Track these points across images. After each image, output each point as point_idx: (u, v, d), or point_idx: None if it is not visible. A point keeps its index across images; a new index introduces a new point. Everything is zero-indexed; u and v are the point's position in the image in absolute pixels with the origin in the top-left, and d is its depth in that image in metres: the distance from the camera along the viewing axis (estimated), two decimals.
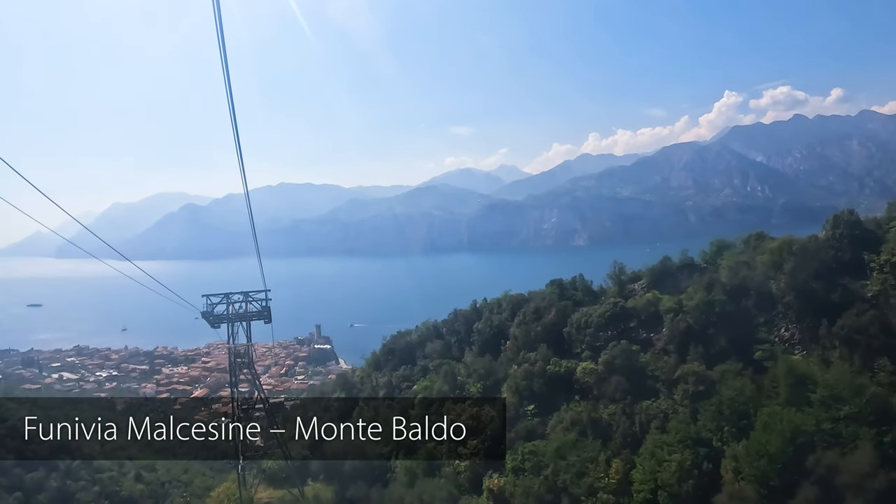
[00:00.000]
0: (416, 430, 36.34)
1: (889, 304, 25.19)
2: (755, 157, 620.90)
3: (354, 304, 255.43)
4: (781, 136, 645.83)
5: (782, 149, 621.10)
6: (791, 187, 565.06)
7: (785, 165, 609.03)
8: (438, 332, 53.37)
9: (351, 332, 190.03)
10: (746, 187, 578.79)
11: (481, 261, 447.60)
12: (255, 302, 34.40)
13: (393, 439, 38.96)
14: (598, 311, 34.22)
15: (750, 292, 29.26)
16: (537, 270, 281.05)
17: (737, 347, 27.51)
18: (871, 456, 19.07)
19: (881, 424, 20.40)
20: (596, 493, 23.50)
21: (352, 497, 32.88)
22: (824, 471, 19.45)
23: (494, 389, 36.76)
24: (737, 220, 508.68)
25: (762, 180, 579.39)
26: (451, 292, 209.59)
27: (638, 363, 29.31)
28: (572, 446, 26.21)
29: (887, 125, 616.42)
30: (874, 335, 24.15)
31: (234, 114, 15.35)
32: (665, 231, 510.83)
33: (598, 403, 28.81)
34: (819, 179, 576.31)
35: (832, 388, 21.72)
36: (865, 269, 27.43)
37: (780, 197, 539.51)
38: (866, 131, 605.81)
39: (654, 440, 23.93)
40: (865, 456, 19.06)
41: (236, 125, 15.77)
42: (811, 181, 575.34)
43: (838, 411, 21.10)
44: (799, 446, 20.57)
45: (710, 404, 24.35)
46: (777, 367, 24.06)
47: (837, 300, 26.16)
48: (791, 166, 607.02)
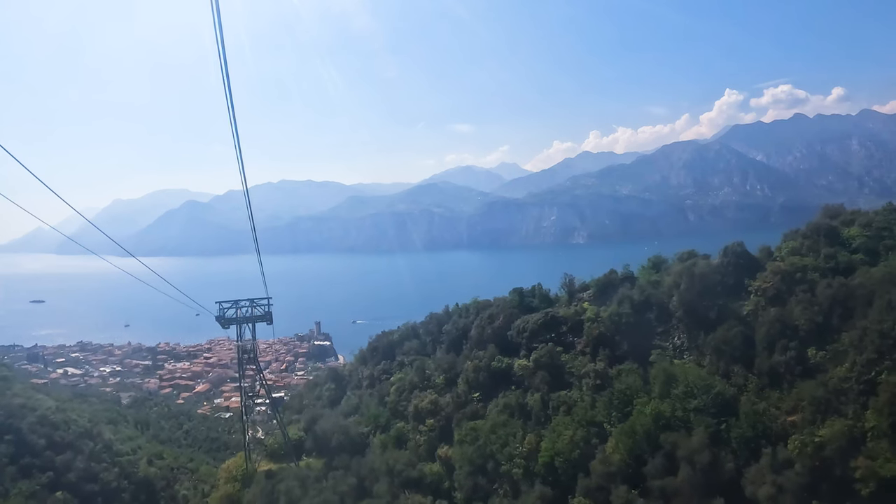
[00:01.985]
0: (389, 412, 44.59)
1: (757, 321, 31.72)
2: (755, 156, 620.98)
3: (355, 300, 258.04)
4: (781, 135, 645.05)
5: (782, 148, 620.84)
6: (790, 186, 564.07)
7: (785, 164, 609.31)
8: (415, 333, 60.27)
9: (352, 329, 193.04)
10: (746, 186, 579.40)
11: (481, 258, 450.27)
12: (259, 307, 41.10)
13: (371, 421, 46.59)
14: (534, 318, 41.03)
15: (653, 306, 35.98)
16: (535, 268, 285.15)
17: (636, 351, 34.20)
18: (703, 437, 25.83)
19: (720, 415, 27.07)
20: (513, 459, 30.55)
21: (336, 466, 39.79)
22: (670, 446, 26.21)
23: (454, 381, 43.63)
24: (735, 218, 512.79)
25: (761, 179, 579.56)
26: (450, 289, 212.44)
27: (559, 361, 36.15)
28: (502, 425, 33.19)
29: (888, 124, 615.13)
30: (736, 346, 30.79)
31: (232, 111, 15.36)
32: (664, 229, 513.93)
33: (526, 392, 35.72)
34: (818, 178, 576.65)
35: (688, 385, 28.47)
36: (744, 292, 34.07)
37: (780, 196, 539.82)
38: (866, 130, 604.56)
39: (558, 421, 30.85)
40: (699, 437, 25.83)
41: (235, 122, 15.90)
42: (811, 180, 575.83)
43: (689, 403, 27.85)
44: (658, 427, 27.37)
45: (605, 395, 31.19)
46: (654, 369, 30.86)
47: (714, 317, 32.83)
48: (791, 165, 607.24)
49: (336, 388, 64.22)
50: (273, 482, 37.80)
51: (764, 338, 29.92)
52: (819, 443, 24.00)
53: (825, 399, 25.58)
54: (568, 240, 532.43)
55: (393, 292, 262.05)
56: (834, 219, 38.81)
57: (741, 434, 25.59)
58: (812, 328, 29.09)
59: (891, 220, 36.33)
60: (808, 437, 24.40)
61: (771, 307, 31.36)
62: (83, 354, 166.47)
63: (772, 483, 22.95)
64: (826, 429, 24.20)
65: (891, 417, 23.05)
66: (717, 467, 24.89)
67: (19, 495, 47.77)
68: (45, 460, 56.14)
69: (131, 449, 68.58)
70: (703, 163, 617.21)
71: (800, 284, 31.62)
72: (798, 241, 36.21)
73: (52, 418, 63.36)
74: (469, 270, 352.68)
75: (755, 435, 25.47)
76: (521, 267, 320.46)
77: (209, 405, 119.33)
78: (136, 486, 60.95)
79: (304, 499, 33.57)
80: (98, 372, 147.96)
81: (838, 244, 34.91)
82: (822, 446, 23.89)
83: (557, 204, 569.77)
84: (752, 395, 28.08)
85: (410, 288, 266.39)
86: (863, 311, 28.17)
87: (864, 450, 23.19)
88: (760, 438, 25.38)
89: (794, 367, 28.31)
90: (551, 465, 28.80)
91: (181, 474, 71.24)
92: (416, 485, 33.91)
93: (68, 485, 53.56)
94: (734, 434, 25.77)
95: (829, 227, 36.29)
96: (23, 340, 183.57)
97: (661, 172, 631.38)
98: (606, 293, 42.96)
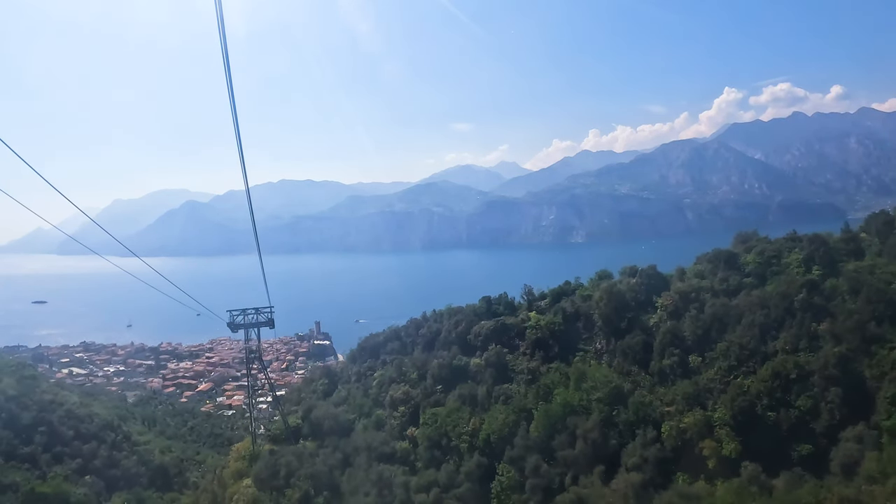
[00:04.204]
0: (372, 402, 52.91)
1: (658, 332, 39.29)
2: (753, 155, 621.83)
3: (356, 300, 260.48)
4: (780, 134, 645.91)
5: (780, 146, 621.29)
6: (788, 185, 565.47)
7: (783, 163, 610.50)
8: (397, 335, 68.31)
9: (354, 329, 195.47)
10: (744, 185, 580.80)
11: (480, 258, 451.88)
12: (263, 314, 49.11)
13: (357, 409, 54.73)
14: (487, 325, 48.99)
15: (581, 317, 43.80)
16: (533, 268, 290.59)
17: (565, 353, 42.08)
18: (597, 420, 33.57)
19: (614, 404, 34.68)
20: (461, 436, 38.58)
21: (326, 445, 47.89)
22: (573, 427, 33.99)
23: (425, 376, 51.45)
24: (734, 217, 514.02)
25: (760, 178, 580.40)
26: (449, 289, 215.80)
27: (504, 360, 44.23)
28: (456, 410, 41.25)
29: (886, 123, 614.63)
30: (637, 351, 38.57)
31: (234, 111, 15.20)
32: (662, 228, 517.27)
33: (477, 385, 43.67)
34: (817, 177, 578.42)
35: (593, 381, 36.25)
36: (651, 307, 41.76)
37: (778, 194, 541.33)
38: (865, 129, 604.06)
39: (497, 408, 38.90)
40: (594, 420, 33.60)
41: (237, 122, 15.69)
42: (809, 179, 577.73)
43: (593, 394, 35.61)
44: (567, 412, 35.15)
45: (534, 388, 39.06)
46: (572, 368, 38.73)
47: (625, 327, 40.58)
48: (789, 164, 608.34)
49: (329, 383, 72.27)
50: (275, 458, 45.74)
51: (659, 345, 37.65)
52: (682, 428, 31.67)
53: (694, 395, 33.28)
54: (567, 239, 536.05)
55: (393, 291, 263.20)
56: (745, 243, 46.18)
57: (626, 419, 33.31)
58: (695, 339, 36.78)
59: (784, 247, 43.55)
60: (676, 423, 32.09)
61: (669, 321, 39.04)
62: (87, 354, 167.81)
63: (639, 456, 30.67)
64: (689, 417, 31.85)
65: (732, 411, 30.68)
66: (604, 443, 32.64)
67: (56, 478, 55.21)
68: (73, 449, 63.71)
69: (144, 441, 76.49)
70: (701, 161, 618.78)
71: (693, 303, 39.29)
72: (703, 265, 43.84)
73: (77, 412, 71.54)
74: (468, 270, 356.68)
75: (637, 420, 33.15)
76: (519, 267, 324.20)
77: (212, 403, 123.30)
78: (153, 473, 68.79)
79: (300, 469, 41.42)
80: (102, 372, 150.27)
81: (735, 268, 42.39)
82: (685, 430, 31.54)
83: (556, 203, 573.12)
84: (645, 390, 35.81)
85: (410, 287, 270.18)
86: (734, 327, 35.85)
87: (714, 434, 30.84)
88: (642, 423, 33.04)
89: (678, 369, 36.08)
90: (488, 440, 36.71)
91: (190, 465, 79.16)
92: (388, 458, 41.91)
93: (94, 470, 61.13)
94: (621, 419, 33.49)
95: (729, 253, 43.79)
96: (26, 341, 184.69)
97: (659, 171, 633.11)
98: (559, 301, 50.86)
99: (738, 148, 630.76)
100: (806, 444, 28.33)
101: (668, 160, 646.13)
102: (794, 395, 29.99)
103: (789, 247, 42.95)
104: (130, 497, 57.47)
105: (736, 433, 29.65)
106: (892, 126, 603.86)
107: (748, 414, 30.03)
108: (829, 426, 28.28)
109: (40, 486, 49.67)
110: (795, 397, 29.88)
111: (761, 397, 30.38)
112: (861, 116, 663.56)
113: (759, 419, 29.87)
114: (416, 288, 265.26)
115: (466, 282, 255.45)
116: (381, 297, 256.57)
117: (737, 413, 30.10)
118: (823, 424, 28.57)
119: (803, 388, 29.99)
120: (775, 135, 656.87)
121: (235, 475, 49.34)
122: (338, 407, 58.36)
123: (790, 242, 43.72)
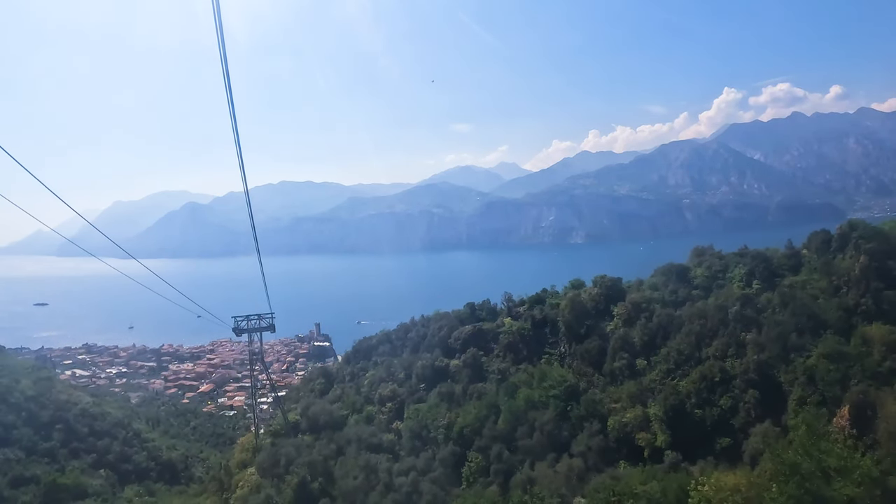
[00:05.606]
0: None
1: (614, 337, 44.07)
2: (753, 155, 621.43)
3: (355, 301, 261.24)
4: (779, 134, 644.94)
5: (780, 146, 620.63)
6: (788, 185, 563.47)
7: (782, 163, 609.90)
8: (389, 338, 73.51)
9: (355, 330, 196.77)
10: (743, 185, 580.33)
11: (480, 258, 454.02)
12: (265, 320, 54.09)
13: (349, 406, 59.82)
14: (466, 330, 54.08)
15: (548, 323, 48.80)
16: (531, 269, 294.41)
17: (532, 356, 47.09)
18: (552, 414, 38.55)
19: (568, 401, 39.61)
20: (438, 429, 43.47)
21: (322, 438, 52.76)
22: (533, 419, 38.97)
23: (410, 375, 56.43)
24: (733, 217, 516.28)
25: (759, 178, 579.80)
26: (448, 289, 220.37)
27: (479, 362, 49.29)
28: (435, 406, 46.29)
29: (886, 123, 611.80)
30: (594, 355, 43.56)
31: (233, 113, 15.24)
32: (662, 229, 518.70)
33: (455, 384, 48.72)
34: (816, 177, 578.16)
35: (552, 380, 41.21)
36: (609, 315, 46.66)
37: (777, 195, 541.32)
38: (864, 129, 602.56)
39: (470, 404, 43.97)
40: (550, 414, 38.58)
41: (236, 124, 15.79)
42: (808, 179, 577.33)
43: (550, 392, 40.55)
44: (528, 407, 40.10)
45: (504, 386, 44.05)
46: (536, 369, 43.74)
47: (585, 333, 45.53)
48: (788, 164, 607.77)
49: (325, 382, 77.38)
50: (276, 449, 50.74)
51: (612, 349, 42.60)
52: (625, 422, 36.61)
53: (637, 394, 38.18)
54: (566, 239, 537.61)
55: (393, 293, 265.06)
56: (699, 257, 51.05)
57: (578, 414, 38.24)
58: (643, 344, 41.72)
59: (731, 262, 48.36)
60: (619, 418, 37.01)
61: (623, 328, 43.95)
62: (89, 356, 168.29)
63: (585, 445, 35.61)
64: (630, 413, 36.77)
65: (665, 408, 35.54)
66: (558, 434, 37.57)
67: (74, 471, 59.89)
68: (88, 445, 68.63)
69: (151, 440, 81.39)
70: (700, 162, 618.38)
71: (644, 312, 44.17)
72: (658, 277, 48.73)
73: (91, 411, 76.73)
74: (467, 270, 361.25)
75: (588, 414, 38.04)
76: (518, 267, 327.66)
77: (213, 404, 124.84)
78: (162, 467, 73.88)
79: (298, 459, 46.35)
80: (105, 373, 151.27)
81: (685, 281, 47.26)
82: (626, 424, 36.47)
83: (556, 204, 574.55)
84: (598, 389, 40.78)
85: (410, 288, 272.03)
86: (675, 334, 40.73)
87: (650, 428, 35.70)
88: (591, 417, 37.96)
89: (626, 371, 41.03)
90: (461, 432, 41.59)
91: (195, 462, 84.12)
92: (376, 448, 46.73)
93: (108, 464, 66.00)
94: (574, 413, 38.42)
95: (682, 267, 48.71)
96: (27, 343, 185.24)
97: (658, 172, 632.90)
98: (535, 308, 55.84)
99: (738, 148, 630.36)
100: (725, 437, 33.15)
101: (668, 161, 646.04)
102: (717, 396, 34.91)
103: (736, 261, 47.76)
104: (142, 489, 62.02)
105: (667, 427, 34.52)
106: (891, 126, 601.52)
107: (678, 410, 34.91)
108: (745, 423, 33.11)
109: (61, 479, 54.43)
110: (719, 397, 34.80)
111: (690, 396, 35.32)
112: (860, 116, 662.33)
113: (688, 415, 34.76)
114: (415, 289, 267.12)
115: (465, 282, 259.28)
116: (381, 298, 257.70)
117: (669, 410, 34.98)
118: (740, 421, 33.42)
119: (726, 389, 34.91)
120: (775, 135, 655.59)
121: (240, 465, 54.50)
122: (333, 404, 63.42)
123: (737, 257, 48.50)
